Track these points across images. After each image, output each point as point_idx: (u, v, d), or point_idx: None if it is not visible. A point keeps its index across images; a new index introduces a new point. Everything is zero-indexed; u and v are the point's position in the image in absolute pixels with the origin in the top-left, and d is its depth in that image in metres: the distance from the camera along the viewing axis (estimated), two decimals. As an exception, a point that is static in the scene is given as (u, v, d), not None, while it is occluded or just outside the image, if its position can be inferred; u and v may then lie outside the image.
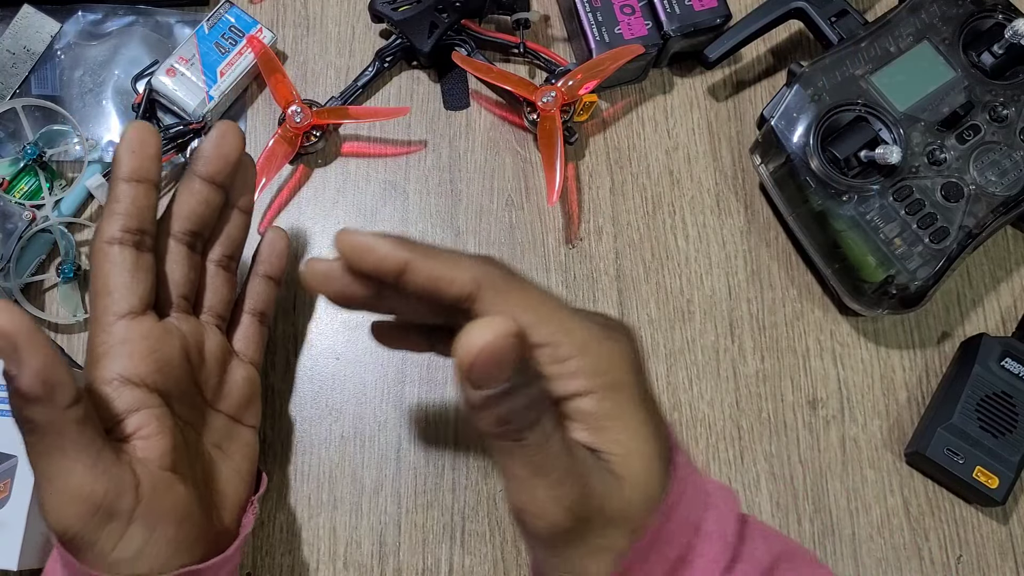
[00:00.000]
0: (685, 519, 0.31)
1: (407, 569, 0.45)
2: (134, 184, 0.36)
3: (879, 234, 0.45)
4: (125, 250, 0.35)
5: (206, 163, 0.38)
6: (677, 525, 0.31)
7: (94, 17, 0.51)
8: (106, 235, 0.35)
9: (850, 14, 0.49)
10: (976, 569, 0.46)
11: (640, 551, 0.30)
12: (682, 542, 0.31)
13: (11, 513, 0.40)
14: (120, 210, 0.35)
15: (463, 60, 0.50)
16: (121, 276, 0.35)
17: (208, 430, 0.39)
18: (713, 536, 0.32)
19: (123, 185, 0.36)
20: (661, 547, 0.31)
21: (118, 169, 0.36)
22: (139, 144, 0.36)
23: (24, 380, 0.29)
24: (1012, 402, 0.46)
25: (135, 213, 0.36)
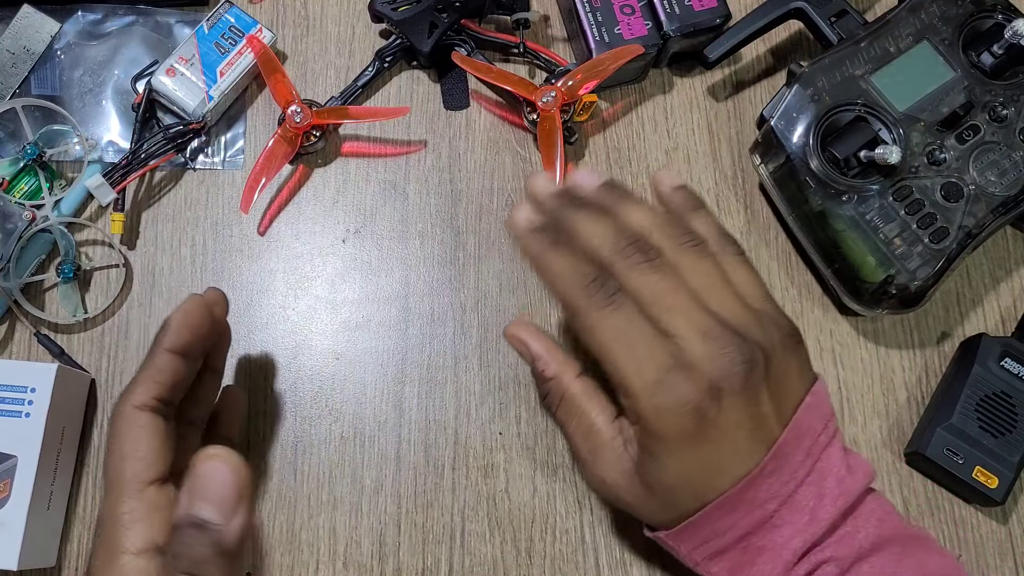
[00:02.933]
0: (773, 493, 0.35)
1: (407, 569, 0.45)
2: (179, 358, 0.36)
3: (879, 234, 0.45)
4: (157, 418, 0.36)
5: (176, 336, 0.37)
6: (761, 496, 0.35)
7: (94, 17, 0.51)
8: (138, 400, 0.35)
9: (850, 14, 0.49)
10: (976, 569, 0.46)
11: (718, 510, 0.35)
12: (768, 508, 0.35)
13: (11, 513, 0.40)
14: (160, 379, 0.36)
15: (463, 60, 0.50)
16: (153, 443, 0.35)
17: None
18: (805, 510, 0.35)
19: (167, 356, 0.36)
20: (745, 508, 0.35)
21: (167, 338, 0.36)
22: (198, 320, 0.37)
23: (230, 534, 0.28)
24: (1012, 402, 0.46)
25: (172, 385, 0.36)
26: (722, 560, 0.36)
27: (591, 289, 0.35)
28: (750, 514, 0.35)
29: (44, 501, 0.42)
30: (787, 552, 0.35)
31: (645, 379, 0.34)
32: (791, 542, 0.35)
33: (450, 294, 0.49)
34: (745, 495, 0.34)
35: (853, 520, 0.36)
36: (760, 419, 0.35)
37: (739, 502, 0.35)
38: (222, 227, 0.49)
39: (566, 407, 0.39)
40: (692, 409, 0.33)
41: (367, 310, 0.49)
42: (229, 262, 0.49)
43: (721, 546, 0.35)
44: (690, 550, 0.36)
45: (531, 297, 0.49)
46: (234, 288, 0.49)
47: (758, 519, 0.35)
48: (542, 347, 0.40)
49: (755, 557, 0.35)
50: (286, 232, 0.50)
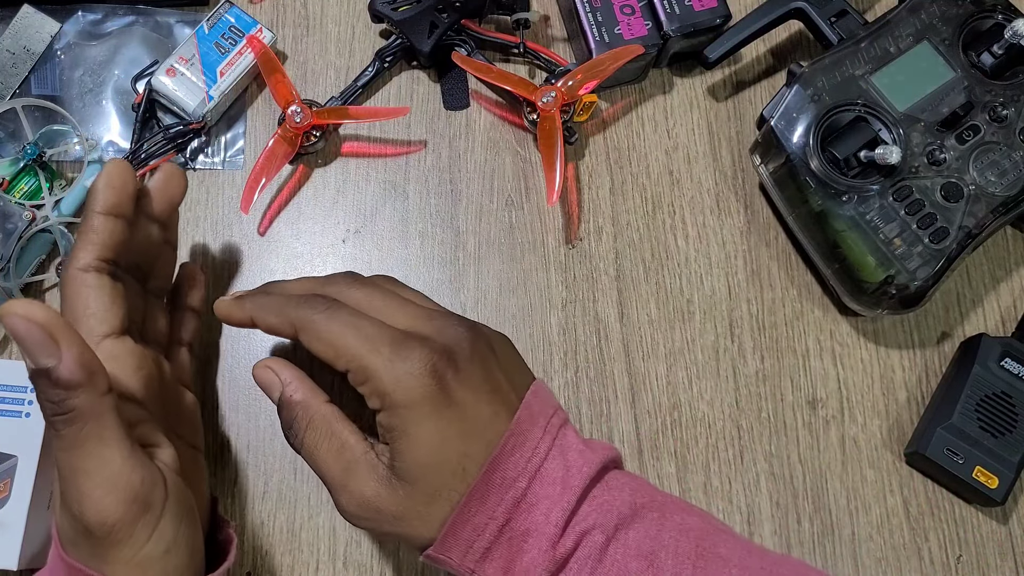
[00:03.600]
0: (520, 469, 0.35)
1: (407, 569, 0.45)
2: (111, 218, 0.37)
3: (879, 234, 0.45)
4: (102, 276, 0.37)
5: (151, 201, 0.40)
6: (509, 473, 0.35)
7: (94, 17, 0.51)
8: (80, 263, 0.36)
9: (850, 14, 0.49)
10: (976, 569, 0.46)
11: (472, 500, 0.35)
12: (519, 486, 0.35)
13: (11, 513, 0.40)
14: (97, 240, 0.37)
15: (463, 60, 0.50)
16: (102, 299, 0.36)
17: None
18: (556, 482, 0.35)
19: (100, 217, 0.37)
20: (496, 491, 0.35)
21: (95, 202, 0.37)
22: (119, 182, 0.37)
23: (65, 368, 0.30)
24: (1012, 402, 0.46)
25: (111, 244, 0.37)
26: (493, 558, 0.35)
27: (308, 301, 0.37)
28: (503, 497, 0.35)
29: (44, 501, 0.42)
30: (549, 527, 0.35)
31: (382, 354, 0.35)
32: (551, 515, 0.35)
33: (450, 294, 0.49)
34: (494, 476, 0.35)
35: (607, 490, 0.36)
36: (496, 385, 0.36)
37: (489, 485, 0.35)
38: (222, 227, 0.49)
39: (314, 430, 0.37)
40: (431, 369, 0.34)
41: (367, 310, 0.49)
42: (229, 262, 0.49)
43: (487, 542, 0.35)
44: (461, 557, 0.35)
45: (531, 297, 0.49)
46: (234, 288, 0.49)
47: (512, 500, 0.35)
48: (291, 374, 0.39)
49: (521, 544, 0.35)
50: (286, 232, 0.50)
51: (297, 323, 0.37)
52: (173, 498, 0.34)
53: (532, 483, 0.35)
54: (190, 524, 0.35)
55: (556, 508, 0.35)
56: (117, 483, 0.32)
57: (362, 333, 0.36)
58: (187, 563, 0.35)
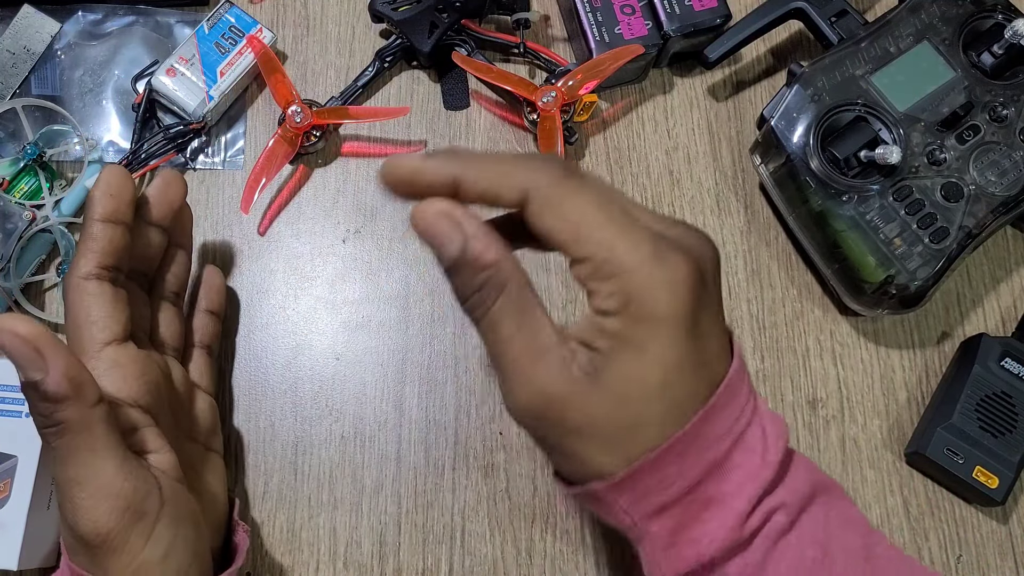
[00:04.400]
0: (727, 428, 0.30)
1: (407, 569, 0.45)
2: (110, 225, 0.37)
3: (879, 234, 0.45)
4: (103, 284, 0.37)
5: (152, 207, 0.40)
6: (717, 430, 0.30)
7: (94, 17, 0.51)
8: (82, 271, 0.36)
9: (850, 14, 0.49)
10: (976, 569, 0.46)
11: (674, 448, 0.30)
12: (721, 448, 0.30)
13: (11, 513, 0.40)
14: (96, 248, 0.37)
15: (463, 60, 0.50)
16: (103, 307, 0.36)
17: (184, 456, 0.39)
18: (756, 451, 0.31)
19: (99, 225, 0.37)
20: (699, 447, 0.30)
21: (93, 210, 0.37)
22: (117, 188, 0.37)
23: (52, 381, 0.31)
24: (1012, 402, 0.46)
25: (111, 252, 0.37)
26: (665, 517, 0.31)
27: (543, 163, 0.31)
28: (704, 455, 0.30)
29: (44, 501, 0.42)
30: (741, 500, 0.30)
31: (641, 252, 0.29)
32: (744, 488, 0.30)
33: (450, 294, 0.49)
34: (702, 430, 0.30)
35: (791, 466, 0.32)
36: (723, 326, 0.32)
37: (696, 439, 0.30)
38: (222, 227, 0.49)
39: (508, 300, 0.30)
40: (692, 285, 0.29)
41: (367, 310, 0.49)
42: (229, 262, 0.49)
43: (667, 498, 0.30)
44: (630, 505, 0.31)
45: (531, 297, 0.49)
46: (234, 288, 0.49)
47: (709, 463, 0.30)
48: (479, 225, 0.30)
49: (701, 512, 0.30)
50: (286, 232, 0.50)
51: (531, 189, 0.30)
52: (170, 504, 0.34)
53: (734, 447, 0.31)
54: (191, 528, 0.35)
55: (752, 482, 0.30)
56: (109, 493, 0.32)
57: (618, 220, 0.29)
58: (188, 566, 0.35)
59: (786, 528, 0.31)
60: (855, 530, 0.33)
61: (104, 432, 0.32)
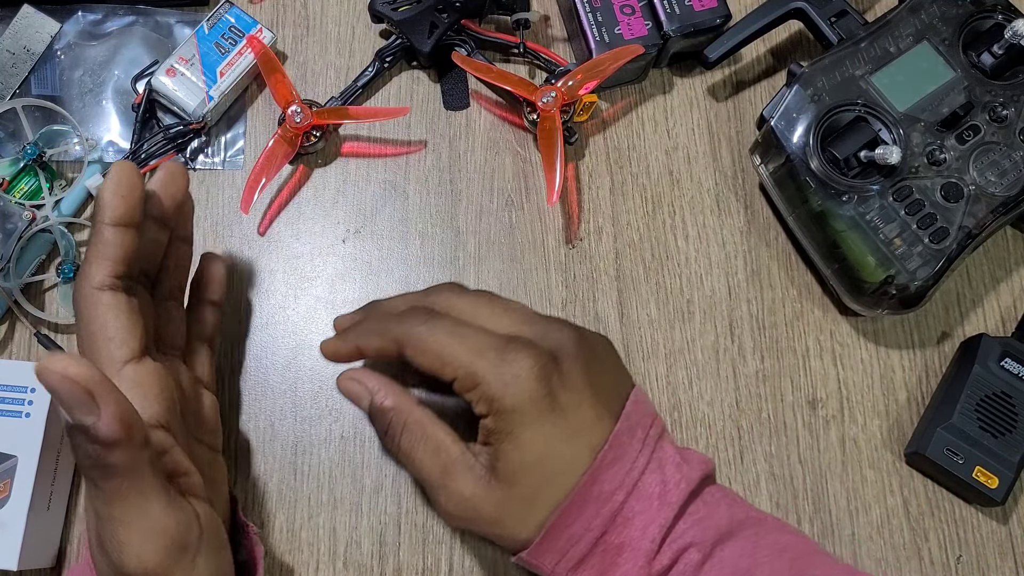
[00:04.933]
0: (619, 482, 0.35)
1: (407, 569, 0.45)
2: (122, 229, 0.35)
3: (879, 234, 0.45)
4: (118, 295, 0.35)
5: (153, 203, 0.38)
6: (607, 486, 0.35)
7: (94, 17, 0.51)
8: (96, 280, 0.35)
9: (850, 14, 0.49)
10: (976, 569, 0.46)
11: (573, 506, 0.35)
12: (617, 499, 0.35)
13: (11, 513, 0.40)
14: (109, 255, 0.35)
15: (463, 60, 0.50)
16: (120, 321, 0.35)
17: (196, 461, 0.38)
18: (652, 497, 0.35)
19: (111, 230, 0.35)
20: (595, 501, 0.35)
21: (104, 213, 0.35)
22: (128, 188, 0.35)
23: (104, 426, 0.29)
24: (1012, 402, 0.46)
25: (124, 258, 0.35)
26: (586, 568, 0.36)
27: (408, 315, 0.38)
28: (601, 509, 0.35)
29: (44, 501, 0.42)
30: (645, 542, 0.35)
31: (488, 360, 0.35)
32: (648, 530, 0.35)
33: (450, 294, 0.49)
34: (592, 489, 0.35)
35: (703, 505, 0.37)
36: (598, 389, 0.36)
37: (587, 497, 0.35)
38: (222, 227, 0.49)
39: (410, 433, 0.38)
40: (538, 372, 0.35)
41: (367, 310, 0.49)
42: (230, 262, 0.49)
43: (581, 552, 0.35)
44: (553, 564, 0.36)
45: (531, 297, 0.49)
46: (234, 288, 0.49)
47: (609, 513, 0.35)
48: (378, 381, 0.39)
49: (616, 557, 0.35)
50: (286, 232, 0.50)
51: (400, 339, 0.37)
52: (207, 533, 0.34)
53: (629, 497, 0.35)
54: (223, 552, 0.35)
55: (653, 524, 0.35)
56: (156, 530, 0.32)
57: (467, 341, 0.36)
58: None
59: (700, 562, 0.35)
60: (786, 556, 0.36)
61: (150, 473, 0.32)
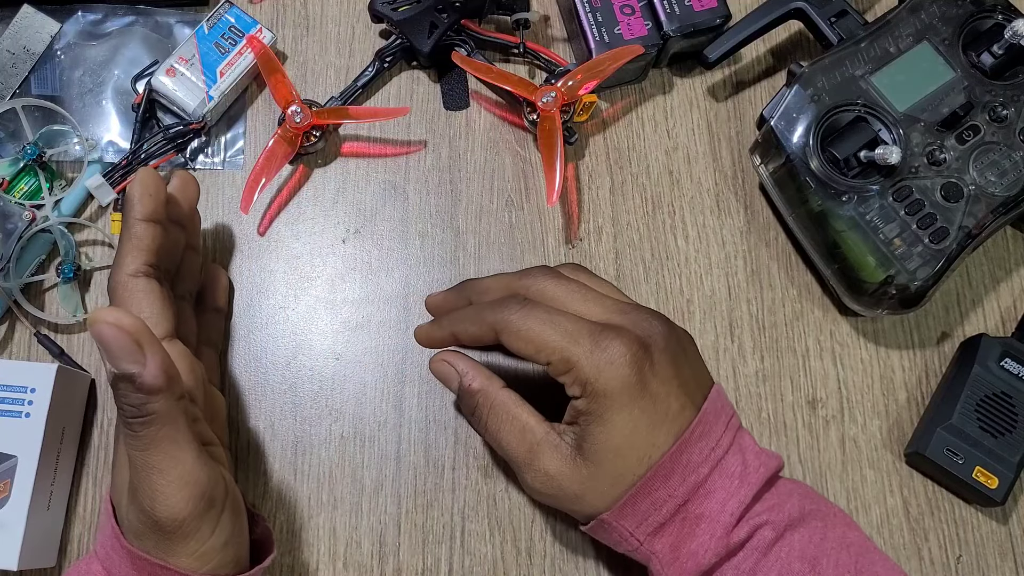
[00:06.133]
0: (704, 457, 0.37)
1: (407, 569, 0.45)
2: (151, 224, 0.39)
3: (879, 234, 0.45)
4: (151, 281, 0.38)
5: (176, 207, 0.42)
6: (694, 458, 0.37)
7: (94, 17, 0.51)
8: (130, 269, 0.38)
9: (850, 14, 0.49)
10: (976, 569, 0.46)
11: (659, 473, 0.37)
12: (701, 472, 0.37)
13: (11, 513, 0.40)
14: (142, 246, 0.38)
15: (463, 60, 0.50)
16: (154, 303, 0.38)
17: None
18: (734, 475, 0.37)
19: (141, 224, 0.38)
20: (680, 471, 0.37)
21: (135, 210, 0.38)
22: (154, 189, 0.39)
23: (149, 374, 0.32)
24: (1012, 402, 0.46)
25: (155, 249, 0.39)
26: (663, 535, 0.37)
27: (503, 302, 0.39)
28: (685, 480, 0.37)
29: (44, 501, 0.42)
30: (724, 515, 0.37)
31: (582, 346, 0.37)
32: (727, 505, 0.37)
33: (450, 294, 0.49)
34: (679, 459, 0.37)
35: (776, 494, 0.39)
36: (684, 380, 0.38)
37: (674, 466, 0.37)
38: (222, 227, 0.49)
39: (496, 414, 0.40)
40: (631, 359, 0.37)
41: (367, 310, 0.49)
42: (229, 262, 0.49)
43: (662, 518, 0.37)
44: (634, 527, 0.37)
45: (531, 297, 0.49)
46: (234, 288, 0.49)
47: (692, 485, 0.37)
48: (467, 364, 0.42)
49: (694, 527, 0.37)
50: (286, 232, 0.50)
51: (497, 326, 0.39)
52: (231, 494, 0.36)
53: (713, 472, 0.37)
54: (243, 517, 0.37)
55: (733, 499, 0.37)
56: (188, 481, 0.34)
57: (561, 328, 0.37)
58: (240, 555, 0.37)
59: (772, 542, 0.37)
60: (850, 552, 0.38)
61: (184, 424, 0.34)
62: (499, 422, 0.40)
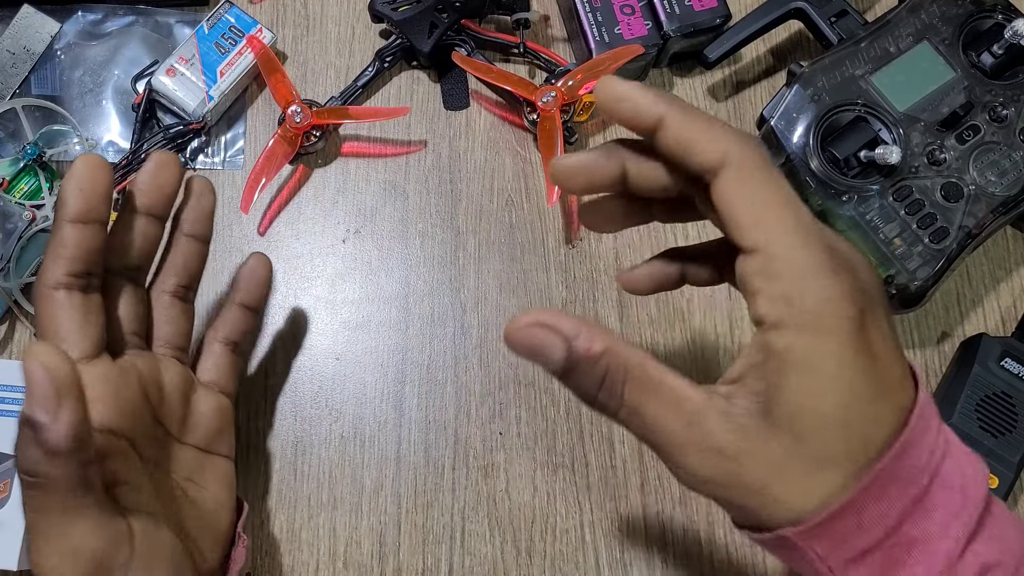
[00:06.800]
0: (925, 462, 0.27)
1: (407, 569, 0.45)
2: (80, 227, 0.33)
3: (879, 234, 0.45)
4: (73, 294, 0.33)
5: (141, 195, 0.36)
6: (915, 463, 0.27)
7: (94, 17, 0.51)
8: (51, 280, 0.33)
9: (850, 14, 0.49)
10: (976, 569, 0.46)
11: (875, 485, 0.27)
12: (921, 483, 0.27)
13: (11, 513, 0.40)
14: (66, 254, 0.33)
15: (463, 60, 0.50)
16: (71, 321, 0.33)
17: (177, 465, 0.38)
18: (955, 488, 0.28)
19: (68, 228, 0.33)
20: (900, 483, 0.27)
21: (64, 209, 0.33)
22: (89, 183, 0.33)
23: (56, 433, 0.28)
24: (1012, 402, 0.46)
25: (81, 256, 0.33)
26: (867, 563, 0.27)
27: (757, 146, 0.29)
28: (906, 490, 0.27)
29: (44, 501, 0.42)
30: (947, 541, 0.27)
31: (816, 257, 0.27)
32: (949, 528, 0.27)
33: (450, 294, 0.49)
34: (903, 462, 0.27)
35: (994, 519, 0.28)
36: (899, 348, 0.29)
37: (896, 473, 0.27)
38: (222, 227, 0.49)
39: (636, 383, 0.28)
40: (859, 300, 0.27)
41: (367, 310, 0.49)
42: (229, 262, 0.49)
43: (868, 543, 0.27)
44: (827, 551, 0.27)
45: (531, 297, 0.49)
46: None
47: (912, 498, 0.27)
48: (575, 323, 0.29)
49: (904, 555, 0.27)
50: (286, 232, 0.50)
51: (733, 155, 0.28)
52: (140, 552, 0.32)
53: (933, 482, 0.27)
54: (164, 569, 0.33)
55: (956, 522, 0.27)
56: (75, 552, 0.30)
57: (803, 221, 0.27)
58: None
59: None
60: None
61: (83, 494, 0.30)
62: (641, 392, 0.28)
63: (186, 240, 0.39)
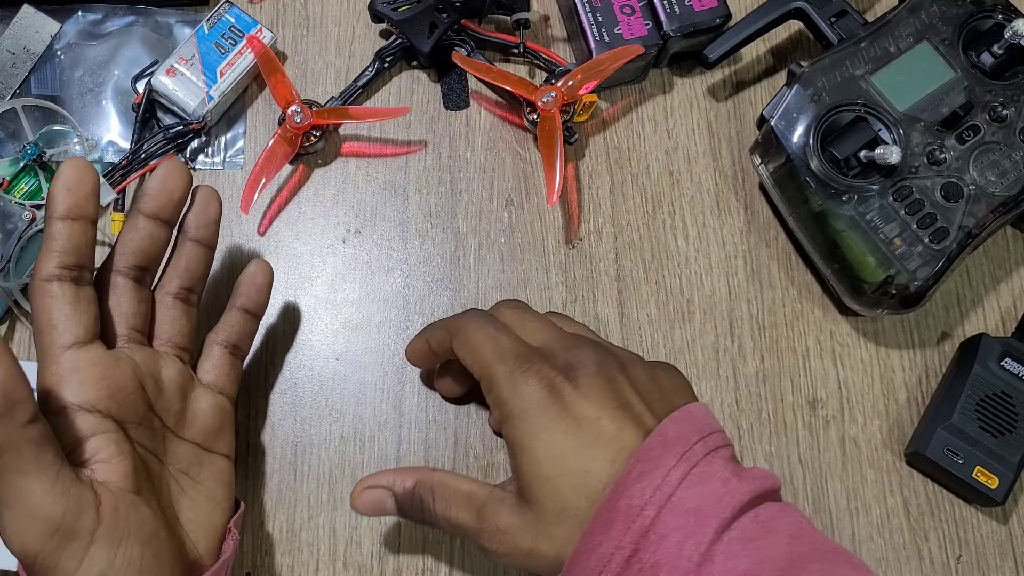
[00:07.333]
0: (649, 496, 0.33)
1: (407, 569, 0.45)
2: (69, 222, 0.36)
3: (879, 234, 0.45)
4: (64, 285, 0.35)
5: (150, 200, 0.39)
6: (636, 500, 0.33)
7: (94, 17, 0.51)
8: (43, 273, 0.35)
9: (850, 14, 0.49)
10: (976, 569, 0.46)
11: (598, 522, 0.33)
12: (647, 515, 0.32)
13: (11, 513, 0.40)
14: (57, 248, 0.35)
15: (463, 60, 0.50)
16: (63, 309, 0.35)
17: (172, 457, 0.38)
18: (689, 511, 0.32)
19: (58, 224, 0.36)
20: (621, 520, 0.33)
21: (53, 207, 0.36)
22: (76, 182, 0.36)
23: None
24: (1012, 402, 0.46)
25: (71, 250, 0.36)
26: None
27: (466, 314, 0.40)
28: (630, 525, 0.32)
29: (44, 501, 0.42)
30: (682, 560, 0.31)
31: (506, 364, 0.36)
32: (684, 547, 0.32)
33: (450, 294, 0.49)
34: (618, 503, 0.33)
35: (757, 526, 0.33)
36: (624, 403, 0.35)
37: (614, 512, 0.33)
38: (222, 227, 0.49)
39: (440, 497, 0.38)
40: (547, 382, 0.35)
41: (367, 310, 0.49)
42: (229, 262, 0.49)
43: (614, 573, 0.32)
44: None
45: (531, 297, 0.49)
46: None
47: (640, 530, 0.32)
48: (388, 475, 0.39)
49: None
50: (286, 232, 0.50)
51: (452, 329, 0.39)
52: (109, 522, 0.33)
53: (661, 512, 0.32)
54: (138, 545, 0.34)
55: (689, 541, 0.32)
56: (35, 515, 0.31)
57: (497, 344, 0.37)
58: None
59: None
60: None
61: (34, 453, 0.31)
62: (444, 502, 0.37)
63: (191, 245, 0.41)
